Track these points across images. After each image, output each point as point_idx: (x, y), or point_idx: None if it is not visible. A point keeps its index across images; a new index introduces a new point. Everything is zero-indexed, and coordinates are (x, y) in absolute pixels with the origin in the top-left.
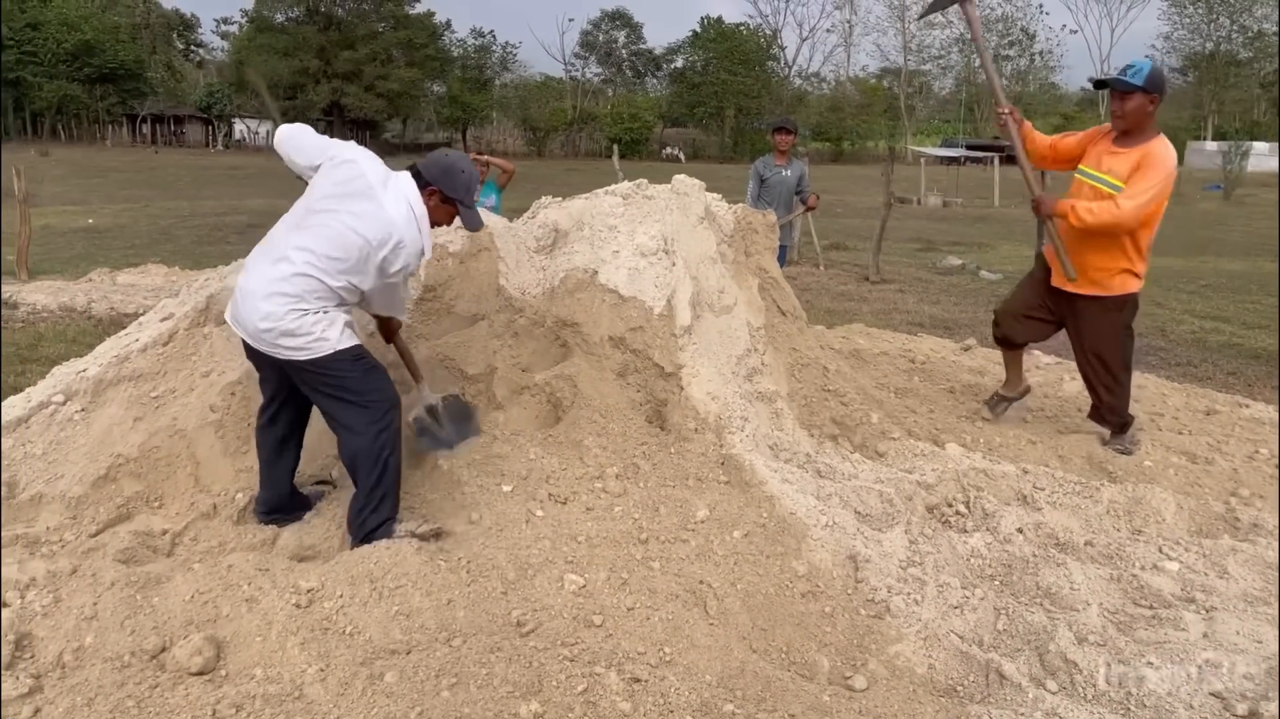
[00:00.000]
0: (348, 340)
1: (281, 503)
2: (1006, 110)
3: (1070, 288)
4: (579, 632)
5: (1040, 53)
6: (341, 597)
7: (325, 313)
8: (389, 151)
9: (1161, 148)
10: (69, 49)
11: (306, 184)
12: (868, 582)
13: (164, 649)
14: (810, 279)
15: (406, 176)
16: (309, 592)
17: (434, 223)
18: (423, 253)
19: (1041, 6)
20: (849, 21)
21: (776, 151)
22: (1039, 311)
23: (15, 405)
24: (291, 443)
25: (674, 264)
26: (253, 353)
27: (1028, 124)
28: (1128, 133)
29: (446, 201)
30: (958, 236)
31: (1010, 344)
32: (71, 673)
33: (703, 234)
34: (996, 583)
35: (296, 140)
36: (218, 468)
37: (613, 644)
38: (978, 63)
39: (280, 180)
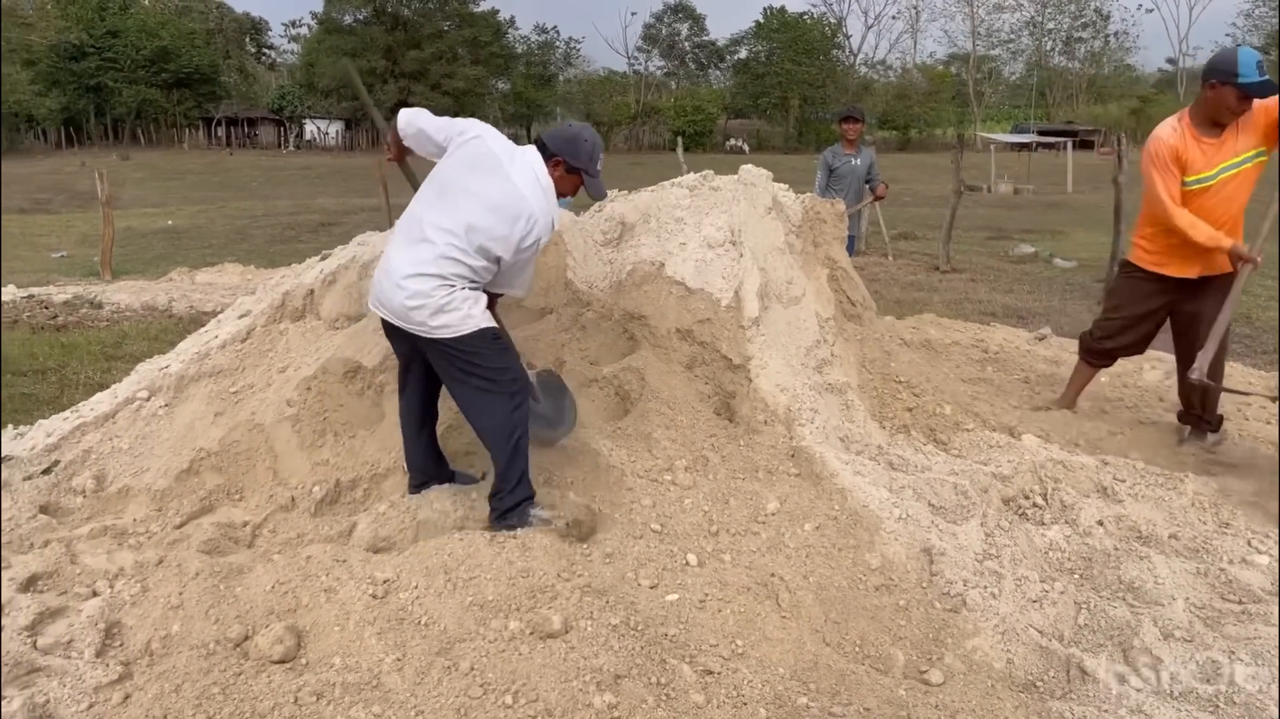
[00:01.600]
0: (488, 321)
1: (429, 475)
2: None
3: (1204, 271)
4: (650, 624)
5: (1115, 33)
6: (416, 587)
7: (468, 290)
8: None
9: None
10: (147, 55)
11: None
12: (943, 575)
13: (247, 637)
14: (878, 269)
15: (533, 150)
16: (385, 582)
17: (559, 194)
18: (553, 225)
19: None
20: (915, 7)
21: (845, 141)
22: (1150, 321)
23: (103, 401)
24: (430, 413)
25: (741, 255)
26: (390, 331)
27: (1195, 235)
28: (1220, 123)
29: (571, 172)
30: (1030, 224)
31: (1113, 357)
32: (159, 660)
33: (770, 224)
34: (1076, 576)
35: (420, 123)
36: (294, 461)
37: (685, 636)
38: (1049, 45)
39: (350, 180)
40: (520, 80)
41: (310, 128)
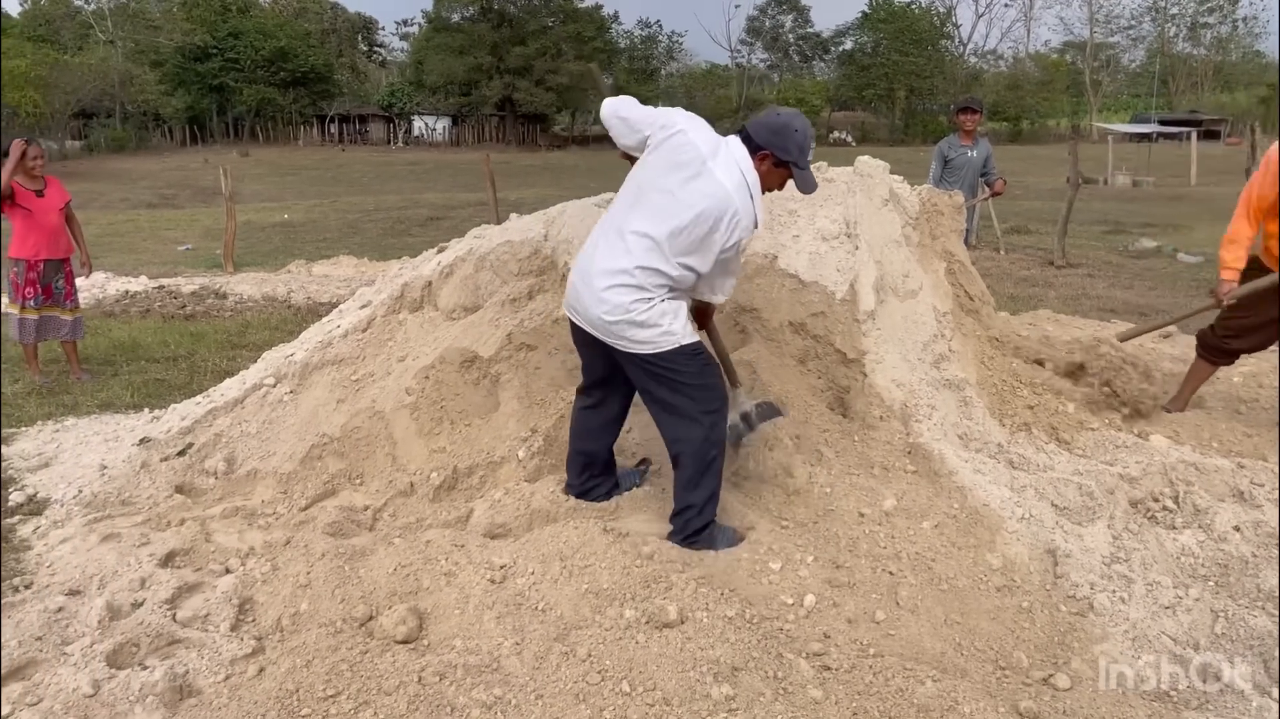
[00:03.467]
0: (690, 335)
1: (596, 475)
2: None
3: None
4: (765, 619)
5: (1244, 19)
6: (533, 574)
7: (667, 302)
8: (557, 144)
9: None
10: (266, 55)
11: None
12: (1068, 577)
13: (371, 617)
14: (990, 264)
15: (736, 142)
16: (502, 568)
17: (765, 188)
18: (756, 224)
19: None
20: None
21: (962, 132)
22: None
23: (232, 387)
24: (617, 424)
25: (857, 248)
26: (580, 337)
27: (1232, 269)
28: None
29: (780, 165)
30: (1150, 218)
31: (1237, 355)
32: (290, 636)
33: (887, 217)
34: (1211, 583)
35: (623, 112)
36: (413, 448)
37: (801, 631)
38: (1172, 31)
39: (457, 175)
40: (623, 75)
41: (418, 124)
